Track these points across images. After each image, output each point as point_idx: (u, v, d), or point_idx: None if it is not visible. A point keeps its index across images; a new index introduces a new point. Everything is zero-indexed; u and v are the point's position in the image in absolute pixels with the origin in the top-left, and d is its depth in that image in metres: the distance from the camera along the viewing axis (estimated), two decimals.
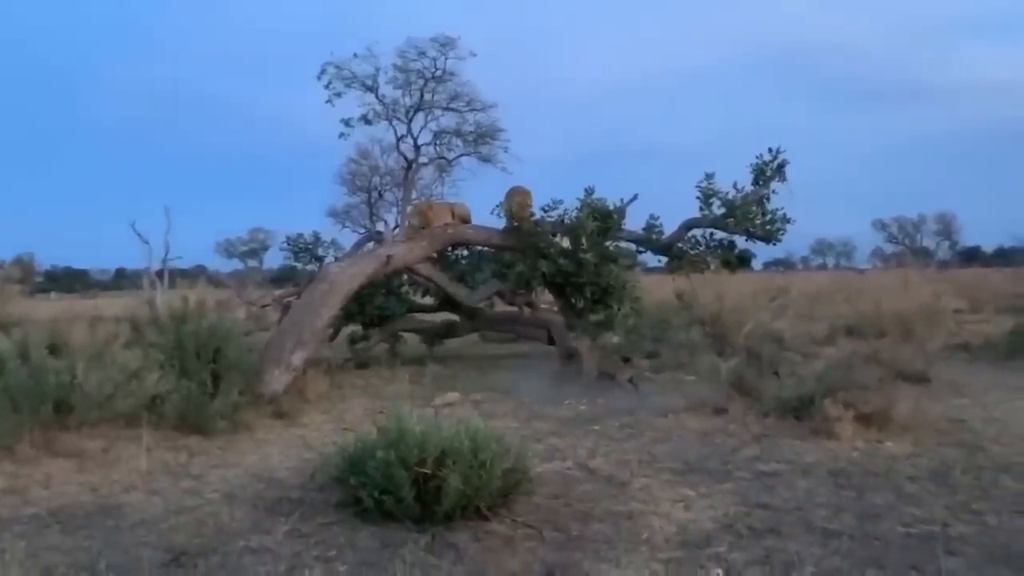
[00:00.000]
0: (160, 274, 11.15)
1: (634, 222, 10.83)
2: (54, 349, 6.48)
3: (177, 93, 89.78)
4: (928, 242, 59.49)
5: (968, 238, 60.89)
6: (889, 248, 58.29)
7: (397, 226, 14.72)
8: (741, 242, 10.77)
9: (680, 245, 10.94)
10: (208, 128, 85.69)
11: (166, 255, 11.48)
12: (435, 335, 12.30)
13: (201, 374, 6.86)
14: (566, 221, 10.48)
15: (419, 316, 12.45)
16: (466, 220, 11.14)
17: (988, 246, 59.16)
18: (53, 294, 37.51)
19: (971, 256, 55.63)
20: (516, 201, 10.53)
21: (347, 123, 16.99)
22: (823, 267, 59.97)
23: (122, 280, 45.35)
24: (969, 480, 5.08)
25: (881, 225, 60.70)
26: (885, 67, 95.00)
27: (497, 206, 10.91)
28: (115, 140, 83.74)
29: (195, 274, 11.49)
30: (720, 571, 3.69)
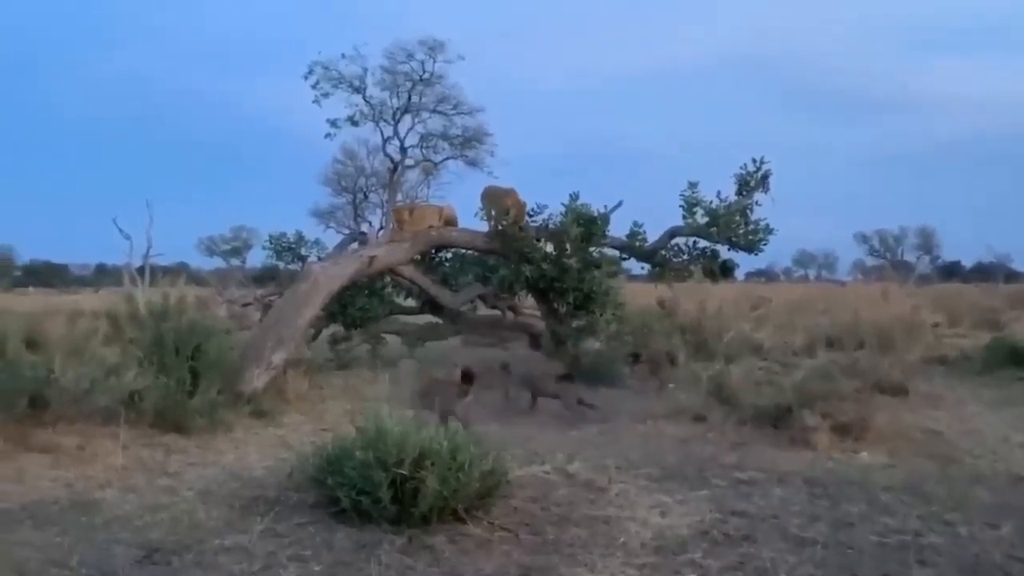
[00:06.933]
0: (141, 270, 11.05)
1: (618, 228, 10.86)
2: (31, 343, 6.43)
3: (159, 90, 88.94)
4: (909, 256, 59.95)
5: (948, 253, 61.42)
6: (870, 261, 58.66)
7: (382, 227, 14.69)
8: (724, 251, 10.82)
9: (664, 253, 10.98)
10: (191, 125, 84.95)
11: (147, 251, 11.38)
12: (417, 337, 12.27)
13: (180, 371, 6.80)
14: (550, 226, 10.50)
15: (401, 318, 12.41)
16: (452, 222, 11.13)
17: (968, 261, 59.73)
18: (31, 288, 37.12)
19: (951, 271, 56.13)
20: (511, 203, 10.52)
21: (333, 123, 16.94)
22: (804, 278, 60.21)
23: (102, 276, 44.90)
24: (943, 491, 5.14)
25: (863, 238, 61.03)
26: (868, 80, 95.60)
27: (480, 209, 10.92)
28: (96, 136, 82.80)
29: (176, 271, 11.41)
30: None
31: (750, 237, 10.37)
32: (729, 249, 10.66)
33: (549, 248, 10.31)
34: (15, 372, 5.91)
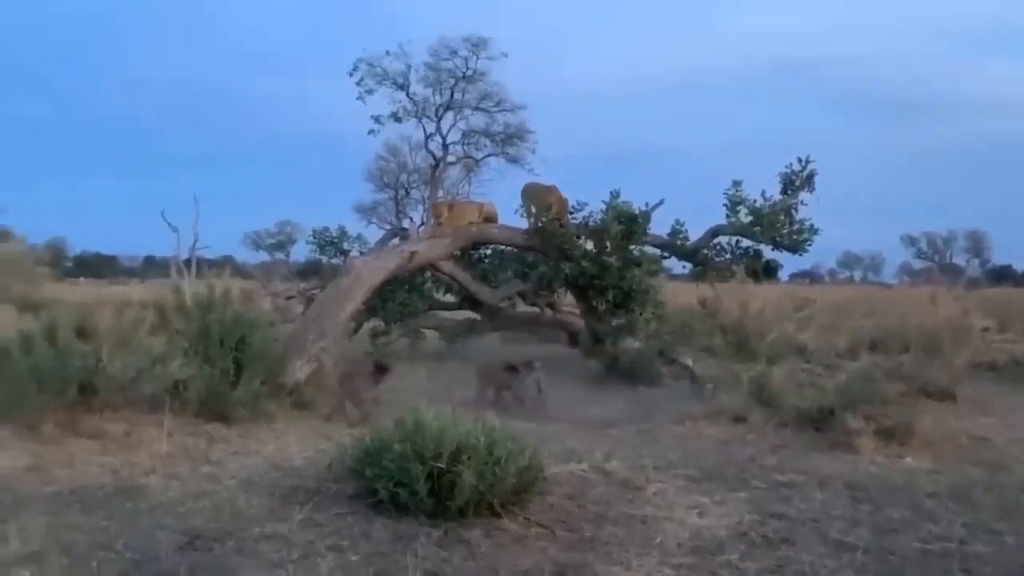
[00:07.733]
0: (188, 262, 11.26)
1: (659, 227, 10.79)
2: (81, 332, 6.57)
3: (206, 89, 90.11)
4: (958, 259, 58.45)
5: (999, 257, 59.72)
6: (918, 264, 57.33)
7: (423, 223, 14.81)
8: (767, 252, 10.69)
9: (705, 252, 10.88)
10: (238, 122, 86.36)
11: (194, 244, 11.61)
12: (455, 333, 12.33)
13: (224, 362, 6.91)
14: (590, 224, 10.47)
15: (440, 313, 12.49)
16: (492, 219, 11.17)
17: (1020, 265, 58.07)
18: (82, 279, 37.99)
19: (1002, 275, 54.65)
20: (553, 200, 10.51)
21: (377, 120, 17.12)
22: (850, 280, 59.11)
23: (150, 267, 45.74)
24: (990, 499, 5.02)
25: (910, 240, 59.69)
26: (916, 81, 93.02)
27: (520, 206, 10.94)
28: (146, 133, 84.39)
29: (222, 264, 11.60)
30: None
31: (794, 237, 10.24)
32: (773, 249, 10.53)
33: (589, 246, 10.29)
34: (65, 360, 6.05)
